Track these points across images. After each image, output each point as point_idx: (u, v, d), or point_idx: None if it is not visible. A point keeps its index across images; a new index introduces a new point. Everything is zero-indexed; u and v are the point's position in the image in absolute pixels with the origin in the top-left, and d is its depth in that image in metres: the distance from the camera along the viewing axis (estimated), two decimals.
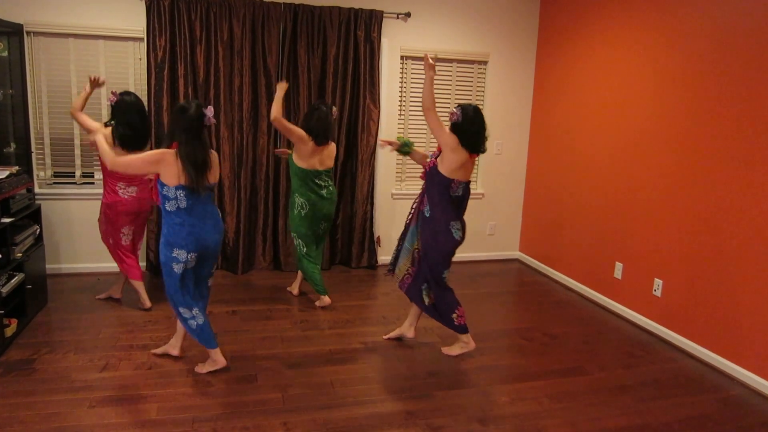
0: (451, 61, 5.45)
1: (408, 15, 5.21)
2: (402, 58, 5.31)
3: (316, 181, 4.17)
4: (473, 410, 3.01)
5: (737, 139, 3.50)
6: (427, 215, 3.41)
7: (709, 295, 3.70)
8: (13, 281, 3.55)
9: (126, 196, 3.93)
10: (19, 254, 3.67)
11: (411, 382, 3.28)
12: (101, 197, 4.04)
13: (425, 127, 5.51)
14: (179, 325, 3.33)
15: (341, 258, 5.46)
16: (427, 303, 3.58)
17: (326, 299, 4.38)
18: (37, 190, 4.60)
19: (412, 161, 5.52)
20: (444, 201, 3.34)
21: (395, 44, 5.23)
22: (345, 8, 4.93)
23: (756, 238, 3.39)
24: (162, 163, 2.93)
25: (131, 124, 3.78)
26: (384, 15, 5.07)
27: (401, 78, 5.36)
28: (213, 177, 3.10)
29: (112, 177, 3.89)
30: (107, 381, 3.13)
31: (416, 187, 5.61)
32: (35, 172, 4.64)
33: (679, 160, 3.93)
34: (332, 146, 4.25)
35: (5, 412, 2.80)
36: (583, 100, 4.93)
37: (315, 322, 4.07)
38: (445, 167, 3.29)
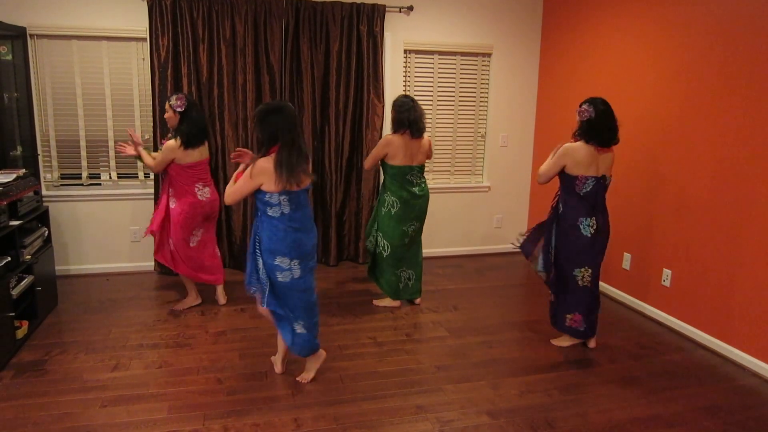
0: (454, 54, 5.42)
1: (410, 8, 5.18)
2: (405, 52, 5.29)
3: (408, 177, 4.07)
4: (483, 403, 3.01)
5: (744, 128, 3.47)
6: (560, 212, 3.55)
7: (719, 285, 3.67)
8: (23, 283, 3.58)
9: (203, 198, 3.94)
10: (29, 256, 3.69)
11: (420, 376, 3.28)
12: (157, 204, 4.01)
13: (429, 120, 5.49)
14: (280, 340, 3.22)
15: (349, 254, 5.46)
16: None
17: (396, 303, 4.32)
18: (44, 192, 4.62)
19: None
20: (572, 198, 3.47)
21: (398, 38, 5.21)
22: (347, 3, 4.92)
23: (765, 226, 3.36)
24: (265, 174, 2.81)
25: (197, 121, 3.87)
26: (386, 9, 5.05)
27: (405, 72, 5.34)
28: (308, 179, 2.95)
29: (188, 178, 3.90)
30: (118, 380, 3.15)
31: None
32: (42, 175, 4.66)
33: (685, 150, 3.90)
34: (425, 140, 4.10)
35: (18, 413, 2.82)
36: (588, 91, 4.89)
37: (323, 319, 4.07)
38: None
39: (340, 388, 3.12)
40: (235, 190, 2.90)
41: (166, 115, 3.89)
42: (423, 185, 4.16)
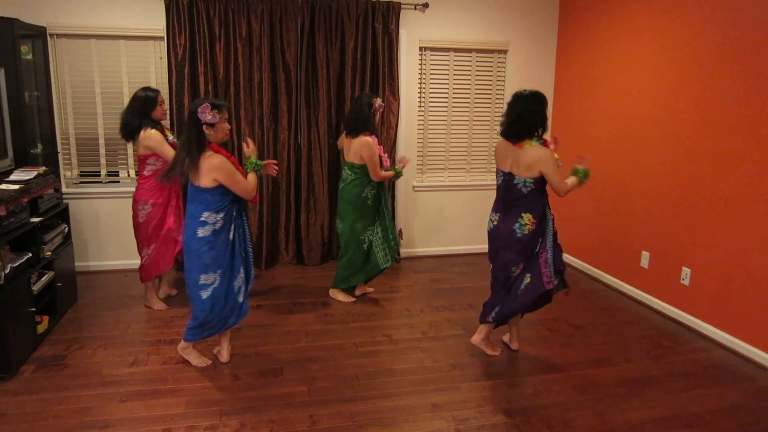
0: (470, 51, 5.40)
1: (426, 5, 5.17)
2: (421, 49, 5.27)
3: None
4: (499, 402, 2.99)
5: (763, 126, 3.41)
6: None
7: (739, 283, 3.62)
8: (44, 279, 3.63)
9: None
10: (49, 253, 3.74)
11: (436, 374, 3.28)
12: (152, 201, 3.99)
13: (445, 117, 5.48)
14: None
15: None
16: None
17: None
18: (64, 189, 4.68)
19: (433, 154, 5.52)
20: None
21: (414, 35, 5.20)
22: (362, 0, 4.91)
23: None
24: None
25: None
26: (401, 6, 5.04)
27: (420, 69, 5.33)
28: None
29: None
30: (137, 375, 3.19)
31: (438, 179, 5.58)
32: (62, 172, 4.73)
33: (705, 146, 3.84)
34: (357, 141, 4.07)
35: (40, 406, 2.87)
36: (605, 88, 4.85)
37: (339, 316, 4.09)
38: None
39: (356, 386, 3.13)
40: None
41: (162, 110, 3.88)
42: (343, 184, 4.23)
